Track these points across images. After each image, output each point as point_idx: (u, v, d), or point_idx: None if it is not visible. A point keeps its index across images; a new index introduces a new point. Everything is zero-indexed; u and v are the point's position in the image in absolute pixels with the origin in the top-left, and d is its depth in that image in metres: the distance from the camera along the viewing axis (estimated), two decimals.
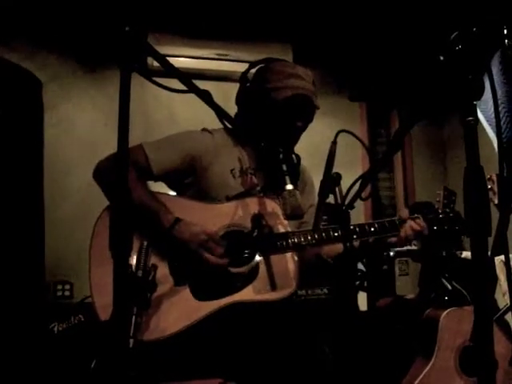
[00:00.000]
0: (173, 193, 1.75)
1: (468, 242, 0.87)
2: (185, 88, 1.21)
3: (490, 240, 1.15)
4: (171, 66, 1.19)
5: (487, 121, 2.84)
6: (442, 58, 0.86)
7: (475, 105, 0.85)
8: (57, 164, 3.33)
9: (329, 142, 1.48)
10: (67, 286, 3.20)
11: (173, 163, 1.64)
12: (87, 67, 3.52)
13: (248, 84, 1.77)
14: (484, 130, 2.91)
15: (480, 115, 2.86)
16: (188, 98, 1.28)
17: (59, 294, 3.20)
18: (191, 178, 1.67)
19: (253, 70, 1.80)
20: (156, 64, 1.17)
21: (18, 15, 3.28)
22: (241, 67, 1.86)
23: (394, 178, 4.20)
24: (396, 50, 3.78)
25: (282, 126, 1.70)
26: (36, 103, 3.04)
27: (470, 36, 0.84)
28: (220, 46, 3.58)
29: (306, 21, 3.63)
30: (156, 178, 1.65)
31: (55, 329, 2.68)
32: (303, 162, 1.87)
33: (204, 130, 1.76)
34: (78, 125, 3.48)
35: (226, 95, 2.10)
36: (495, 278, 2.22)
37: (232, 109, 1.81)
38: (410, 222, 1.66)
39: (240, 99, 1.81)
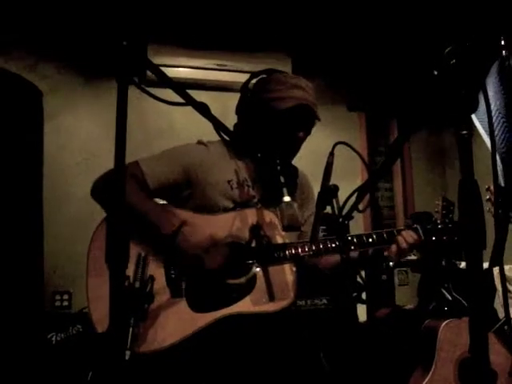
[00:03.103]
0: None
1: None
2: (182, 101, 1.22)
3: (490, 250, 1.15)
4: (169, 79, 1.20)
5: (486, 131, 2.84)
6: (435, 72, 0.87)
7: (469, 118, 0.85)
8: (56, 173, 3.34)
9: (327, 152, 1.49)
10: (66, 296, 3.19)
11: (169, 177, 1.65)
12: (87, 78, 3.53)
13: (249, 94, 1.77)
14: (483, 140, 2.91)
15: (479, 126, 2.87)
16: (187, 107, 1.29)
17: (58, 303, 3.19)
18: (188, 191, 1.68)
19: (254, 81, 1.80)
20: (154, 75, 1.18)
21: (19, 26, 3.31)
22: (240, 77, 1.87)
23: (394, 188, 4.19)
24: (394, 59, 3.80)
25: (283, 137, 1.71)
26: (36, 113, 3.05)
27: (464, 50, 0.84)
28: (219, 56, 3.60)
29: (305, 31, 3.65)
30: (153, 193, 1.65)
31: (53, 339, 2.67)
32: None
33: (199, 142, 1.76)
34: (78, 135, 3.49)
35: (225, 105, 2.11)
36: (494, 289, 2.21)
37: (231, 119, 1.82)
38: (404, 234, 1.65)
39: (241, 109, 1.81)
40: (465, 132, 0.84)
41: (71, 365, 2.58)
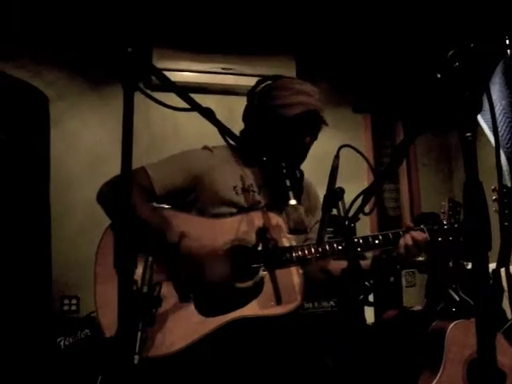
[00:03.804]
0: None
1: None
2: (188, 106, 1.23)
3: (497, 251, 1.15)
4: (174, 84, 1.21)
5: (491, 131, 2.84)
6: (439, 75, 0.87)
7: (474, 120, 0.85)
8: (63, 179, 3.35)
9: (333, 154, 1.49)
10: (74, 301, 3.21)
11: (175, 183, 1.66)
12: (94, 84, 3.55)
13: (256, 101, 1.77)
14: (489, 140, 2.90)
15: (484, 126, 2.86)
16: (192, 112, 1.30)
17: (66, 308, 3.20)
18: (193, 196, 1.68)
19: (260, 87, 1.80)
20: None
21: (26, 33, 3.33)
22: (245, 81, 1.88)
23: (400, 189, 4.19)
24: (400, 61, 3.79)
25: (291, 143, 1.71)
26: (43, 119, 3.07)
27: (467, 53, 0.85)
28: (224, 59, 3.61)
29: (309, 34, 3.66)
30: (159, 199, 1.66)
31: (62, 343, 2.68)
32: (308, 175, 1.88)
33: (205, 147, 1.77)
34: (85, 141, 3.51)
35: (231, 109, 2.12)
36: (501, 290, 2.20)
37: (237, 122, 1.82)
38: (412, 233, 1.65)
39: (247, 115, 1.81)
40: (469, 134, 0.84)
41: (80, 369, 2.59)
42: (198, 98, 1.28)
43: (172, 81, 1.21)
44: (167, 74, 1.22)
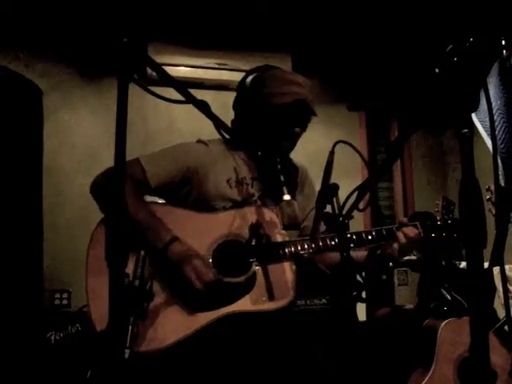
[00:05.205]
0: None
1: None
2: (183, 98, 1.22)
3: (490, 250, 1.15)
4: (169, 76, 1.20)
5: (486, 131, 2.85)
6: (437, 70, 0.87)
7: (470, 117, 0.85)
8: (56, 172, 3.34)
9: (327, 152, 1.48)
10: (65, 295, 3.19)
11: (169, 175, 1.65)
12: (87, 76, 3.54)
13: (246, 90, 1.77)
14: (484, 140, 2.91)
15: (479, 126, 2.87)
16: (187, 106, 1.29)
17: (57, 302, 3.19)
18: (187, 189, 1.68)
19: (250, 78, 1.80)
20: (155, 74, 1.18)
21: (19, 24, 3.31)
22: (240, 77, 1.86)
23: (394, 188, 4.19)
24: (395, 59, 3.79)
25: (280, 132, 1.71)
26: (36, 111, 3.04)
27: (466, 49, 0.84)
28: (219, 55, 3.60)
29: (305, 30, 3.65)
30: (153, 191, 1.65)
31: (52, 338, 2.66)
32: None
33: (199, 141, 1.76)
34: (78, 133, 3.50)
35: (225, 104, 2.11)
36: (494, 289, 2.21)
37: (231, 118, 1.81)
38: (405, 230, 1.65)
39: (238, 105, 1.81)
40: (466, 130, 0.84)
41: (70, 364, 2.57)
42: (193, 93, 1.27)
43: (167, 73, 1.20)
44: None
